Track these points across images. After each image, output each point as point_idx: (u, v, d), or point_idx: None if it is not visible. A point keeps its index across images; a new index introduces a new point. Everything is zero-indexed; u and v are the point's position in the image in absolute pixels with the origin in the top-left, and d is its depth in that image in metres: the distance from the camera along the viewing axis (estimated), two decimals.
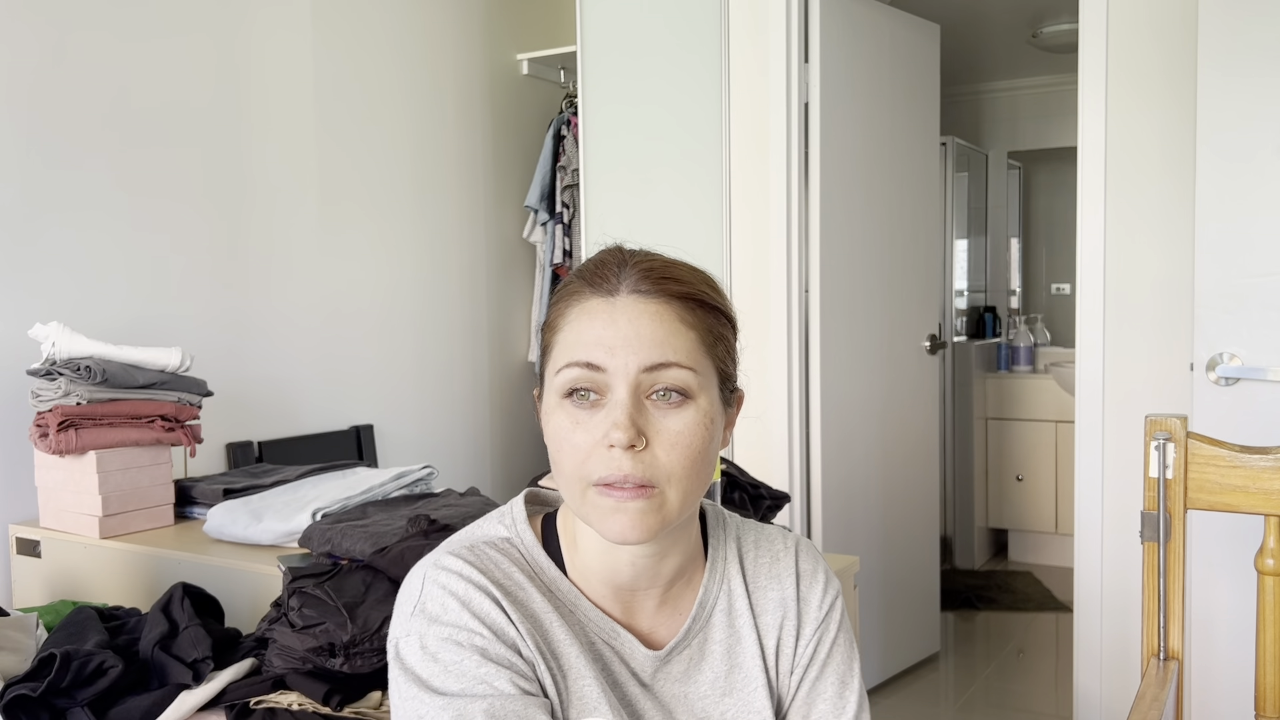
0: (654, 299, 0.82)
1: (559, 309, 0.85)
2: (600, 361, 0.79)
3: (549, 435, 0.83)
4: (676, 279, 0.83)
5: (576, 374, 0.80)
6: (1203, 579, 2.01)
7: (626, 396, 0.79)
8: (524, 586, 0.85)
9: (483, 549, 0.86)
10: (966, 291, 4.74)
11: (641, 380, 0.79)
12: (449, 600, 0.81)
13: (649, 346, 0.80)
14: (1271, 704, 1.40)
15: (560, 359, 0.82)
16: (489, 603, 0.82)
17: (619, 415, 0.78)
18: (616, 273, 0.83)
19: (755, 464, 2.83)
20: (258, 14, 2.65)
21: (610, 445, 0.78)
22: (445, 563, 0.84)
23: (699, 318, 0.83)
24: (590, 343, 0.80)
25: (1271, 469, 1.38)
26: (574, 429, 0.80)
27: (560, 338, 0.83)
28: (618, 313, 0.81)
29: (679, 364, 0.80)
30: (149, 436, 2.02)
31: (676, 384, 0.80)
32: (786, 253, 2.80)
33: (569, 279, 0.86)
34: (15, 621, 1.55)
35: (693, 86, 2.90)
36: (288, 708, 1.33)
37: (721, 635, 0.90)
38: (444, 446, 3.25)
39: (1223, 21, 1.93)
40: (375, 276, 3.01)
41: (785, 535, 0.98)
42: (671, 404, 0.80)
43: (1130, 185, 2.42)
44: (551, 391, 0.83)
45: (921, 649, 3.30)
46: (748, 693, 0.90)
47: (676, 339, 0.81)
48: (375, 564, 1.47)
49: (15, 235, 2.17)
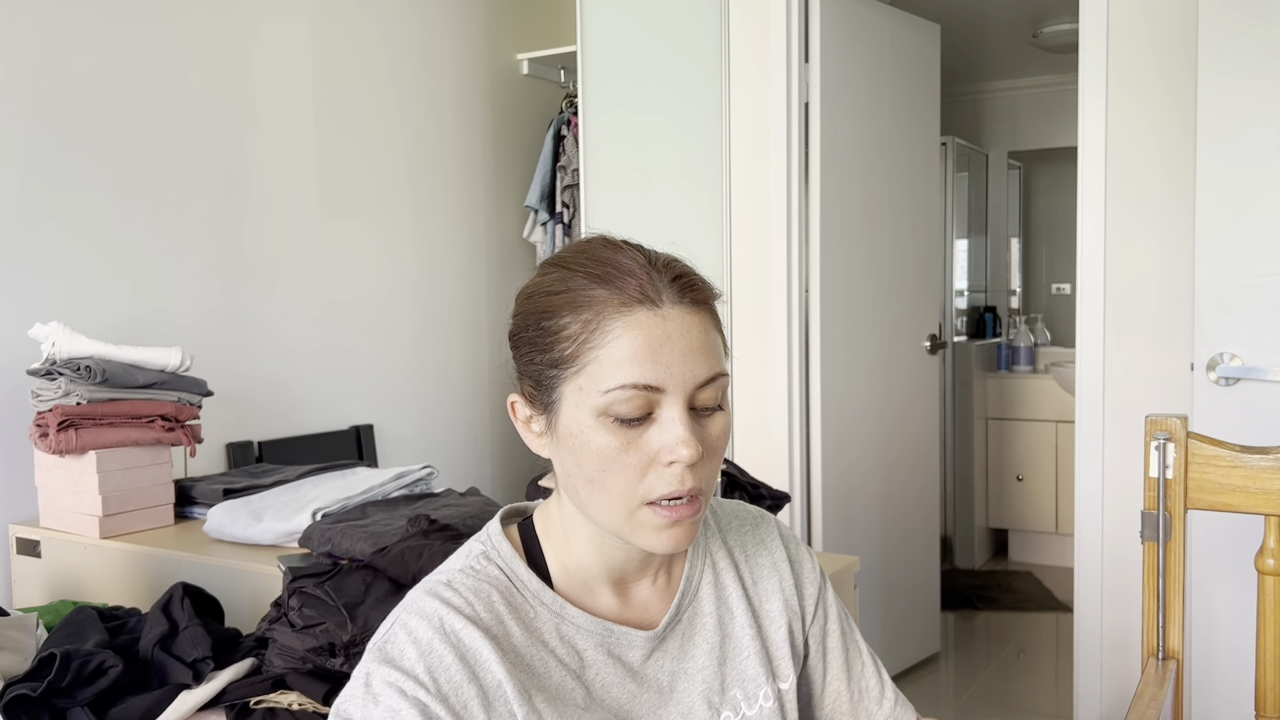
0: (694, 309, 0.80)
1: (586, 319, 0.78)
2: (659, 382, 0.77)
3: (587, 456, 0.79)
4: (699, 284, 0.82)
5: (631, 395, 0.77)
6: (1203, 579, 2.01)
7: (684, 412, 0.78)
8: (503, 619, 0.82)
9: (461, 582, 0.83)
10: (967, 291, 4.74)
11: (693, 395, 0.79)
12: (409, 648, 0.78)
13: (701, 360, 0.78)
14: (1271, 704, 1.40)
15: (608, 378, 0.77)
16: (451, 657, 0.78)
17: (683, 432, 0.77)
18: (647, 278, 0.78)
19: (755, 464, 2.83)
20: (258, 14, 2.65)
21: (670, 462, 0.78)
22: (421, 605, 0.81)
23: (717, 321, 0.83)
24: (646, 361, 0.76)
25: (1271, 469, 1.38)
26: (626, 449, 0.78)
27: (601, 354, 0.77)
28: (670, 327, 0.78)
29: (722, 374, 0.81)
30: (149, 436, 2.02)
31: (718, 392, 0.81)
32: (786, 253, 2.80)
33: (575, 280, 0.80)
34: (15, 621, 1.55)
35: (693, 86, 2.90)
36: (288, 708, 1.33)
37: (711, 608, 0.92)
38: (444, 446, 3.25)
39: (1223, 22, 1.93)
40: (375, 276, 3.01)
41: (746, 506, 1.02)
42: (709, 413, 0.81)
43: (1130, 185, 2.42)
44: (585, 410, 0.78)
45: (921, 649, 3.30)
46: (740, 661, 0.92)
47: (715, 348, 0.81)
48: (375, 564, 1.47)
49: (15, 235, 2.17)
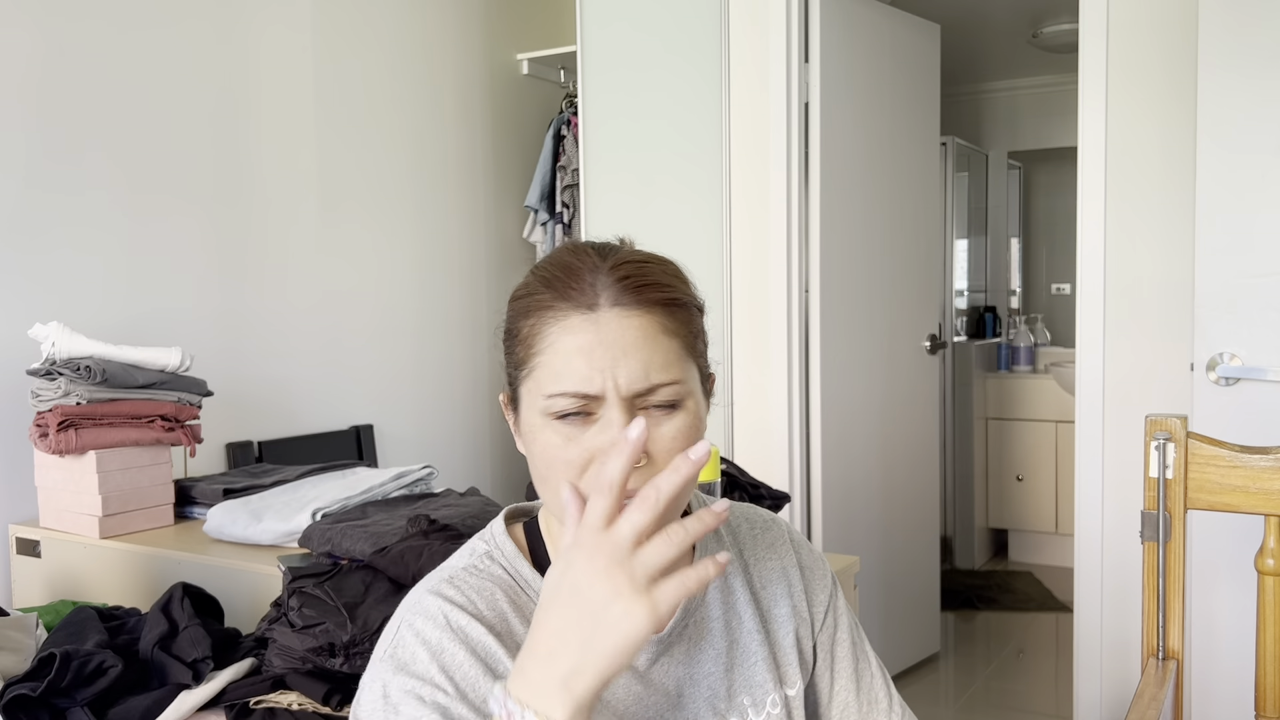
0: (636, 311, 0.78)
1: (532, 324, 0.80)
2: (592, 389, 0.76)
3: (535, 453, 0.80)
4: (655, 284, 0.80)
5: (567, 402, 0.77)
6: (1203, 579, 2.01)
7: (621, 415, 0.76)
8: (507, 617, 0.82)
9: (464, 579, 0.83)
10: (966, 291, 4.74)
11: (633, 400, 0.77)
12: (419, 650, 0.78)
13: (638, 367, 0.77)
14: (1271, 704, 1.40)
15: (546, 384, 0.78)
16: (463, 652, 0.78)
17: (618, 435, 0.75)
18: (592, 281, 0.78)
19: (755, 464, 2.83)
20: (259, 13, 2.65)
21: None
22: (425, 604, 0.81)
23: (679, 321, 0.81)
24: (578, 369, 0.76)
25: (1271, 469, 1.38)
26: (566, 445, 0.77)
27: (541, 360, 0.79)
28: (603, 330, 0.77)
29: (670, 381, 0.78)
30: (149, 436, 2.02)
31: (668, 397, 0.78)
32: (786, 253, 2.80)
33: (533, 285, 0.82)
34: (15, 621, 1.55)
35: (692, 86, 2.90)
36: (288, 708, 1.33)
37: (718, 613, 0.91)
38: (444, 446, 3.25)
39: (1223, 21, 1.93)
40: (375, 276, 3.01)
41: (755, 509, 1.00)
42: (663, 412, 0.79)
43: (1130, 185, 2.42)
44: (534, 410, 0.80)
45: (921, 649, 3.30)
46: (748, 667, 0.91)
47: (663, 354, 0.78)
48: (375, 564, 1.47)
49: (15, 236, 2.17)
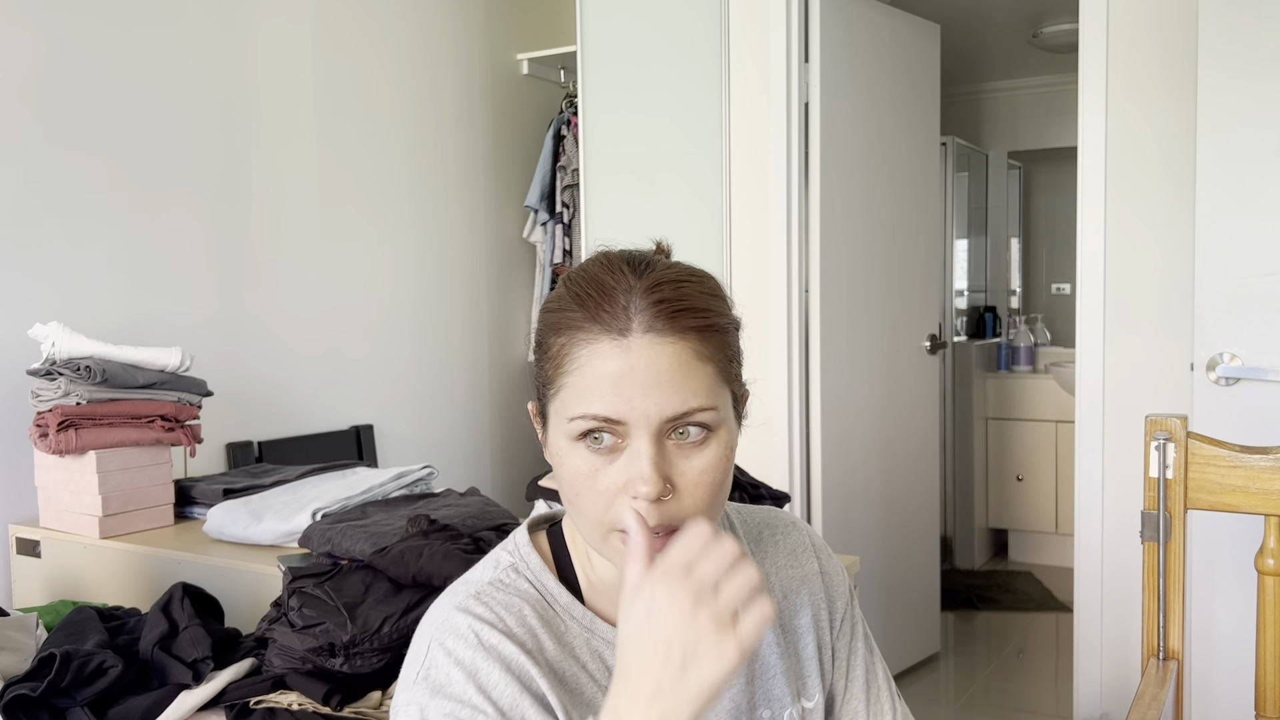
0: (669, 337, 0.74)
1: (561, 344, 0.77)
2: (619, 415, 0.74)
3: (563, 477, 0.78)
4: (690, 309, 0.76)
5: (592, 425, 0.75)
6: (1203, 579, 2.01)
7: (649, 446, 0.74)
8: (537, 633, 0.80)
9: (490, 595, 0.82)
10: (966, 291, 4.74)
11: (664, 428, 0.75)
12: (454, 671, 0.76)
13: (670, 395, 0.74)
14: (1271, 704, 1.40)
15: (572, 406, 0.75)
16: (498, 671, 0.77)
17: (644, 468, 0.73)
18: (625, 304, 0.75)
19: (755, 464, 2.83)
20: (259, 14, 2.65)
21: (634, 496, 0.74)
22: (454, 623, 0.79)
23: (715, 347, 0.77)
24: (606, 393, 0.74)
25: (1271, 469, 1.38)
26: (593, 475, 0.75)
27: (569, 381, 0.76)
28: (634, 358, 0.74)
29: (702, 408, 0.75)
30: (149, 436, 2.02)
31: (700, 425, 0.76)
32: (786, 253, 2.80)
33: (565, 302, 0.78)
34: (15, 621, 1.55)
35: (692, 86, 2.90)
36: (288, 708, 1.33)
37: None
38: (444, 446, 3.25)
39: (1222, 22, 1.93)
40: (375, 276, 3.01)
41: (776, 513, 1.00)
42: (694, 443, 0.76)
43: (1130, 185, 2.42)
44: (560, 433, 0.77)
45: (921, 649, 3.30)
46: (767, 680, 0.90)
47: (696, 380, 0.75)
48: (375, 564, 1.47)
49: (15, 235, 2.17)
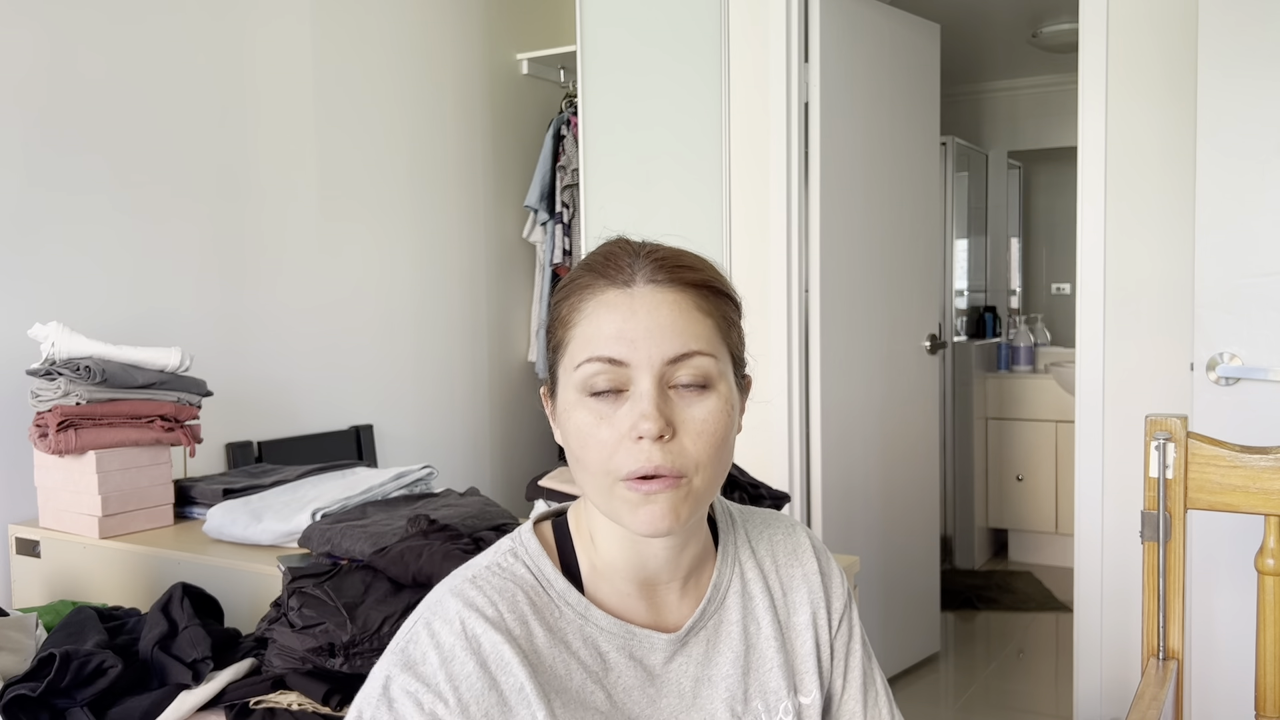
0: (670, 288, 0.81)
1: (571, 303, 0.82)
2: (622, 356, 0.78)
3: (570, 433, 0.81)
4: (690, 266, 0.83)
5: (598, 368, 0.79)
6: (1203, 579, 2.01)
7: (652, 388, 0.78)
8: (527, 620, 0.82)
9: (486, 579, 0.84)
10: (966, 291, 4.74)
11: (665, 371, 0.79)
12: (431, 653, 0.78)
13: (671, 336, 0.79)
14: (1271, 704, 1.40)
15: (579, 354, 0.80)
16: (473, 663, 0.78)
17: (646, 407, 0.77)
18: (630, 263, 0.82)
19: (755, 464, 2.83)
20: (258, 14, 2.65)
21: (639, 437, 0.77)
22: (445, 606, 0.81)
23: (714, 304, 0.83)
24: (610, 336, 0.79)
25: (1271, 469, 1.38)
26: (598, 424, 0.79)
27: (576, 332, 0.81)
28: (637, 303, 0.80)
29: (701, 352, 0.80)
30: (148, 436, 2.02)
31: (699, 372, 0.80)
32: (786, 253, 2.80)
33: (576, 272, 0.85)
34: (15, 621, 1.55)
35: (692, 86, 2.90)
36: (287, 708, 1.33)
37: (736, 617, 0.91)
38: (444, 446, 3.25)
39: (1222, 21, 1.93)
40: (375, 276, 3.01)
41: (778, 515, 1.01)
42: (694, 393, 0.80)
43: (1130, 185, 2.42)
44: (569, 388, 0.81)
45: (921, 649, 3.30)
46: (763, 672, 0.91)
47: (696, 327, 0.80)
48: (375, 564, 1.47)
49: (15, 236, 2.17)
